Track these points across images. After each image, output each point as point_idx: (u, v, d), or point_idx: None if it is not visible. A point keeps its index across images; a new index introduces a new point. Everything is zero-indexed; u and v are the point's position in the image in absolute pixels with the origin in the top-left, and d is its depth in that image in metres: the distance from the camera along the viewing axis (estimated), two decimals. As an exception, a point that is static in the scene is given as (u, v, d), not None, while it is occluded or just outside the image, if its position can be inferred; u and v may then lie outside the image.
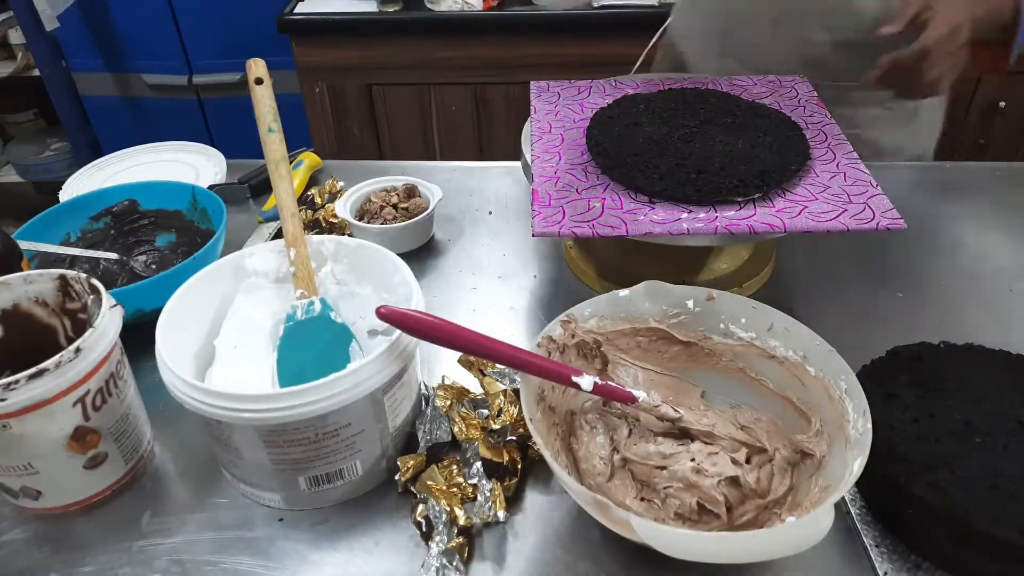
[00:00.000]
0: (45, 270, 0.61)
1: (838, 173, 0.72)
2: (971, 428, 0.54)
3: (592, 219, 0.67)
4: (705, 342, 0.63)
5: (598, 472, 0.57)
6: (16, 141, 2.44)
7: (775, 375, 0.60)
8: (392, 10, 1.72)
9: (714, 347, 0.63)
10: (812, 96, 0.85)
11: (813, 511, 0.46)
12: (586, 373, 0.56)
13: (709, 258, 0.80)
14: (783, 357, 0.59)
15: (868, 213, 0.66)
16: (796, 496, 0.54)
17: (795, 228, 0.65)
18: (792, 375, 0.59)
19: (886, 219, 0.65)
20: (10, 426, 0.52)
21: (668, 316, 0.63)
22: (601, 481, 0.57)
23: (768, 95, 0.86)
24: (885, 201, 0.67)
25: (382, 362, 0.54)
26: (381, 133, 1.88)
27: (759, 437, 0.57)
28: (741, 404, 0.62)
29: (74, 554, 0.56)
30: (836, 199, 0.68)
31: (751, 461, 0.56)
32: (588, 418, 0.61)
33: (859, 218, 0.66)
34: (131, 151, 1.02)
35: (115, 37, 2.07)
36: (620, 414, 0.61)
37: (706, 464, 0.55)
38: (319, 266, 0.67)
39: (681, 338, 0.63)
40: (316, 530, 0.57)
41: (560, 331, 0.61)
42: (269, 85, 0.66)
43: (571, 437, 0.60)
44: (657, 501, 0.56)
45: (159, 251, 0.84)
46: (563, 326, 0.61)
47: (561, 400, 0.61)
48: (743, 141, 0.74)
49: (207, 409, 0.52)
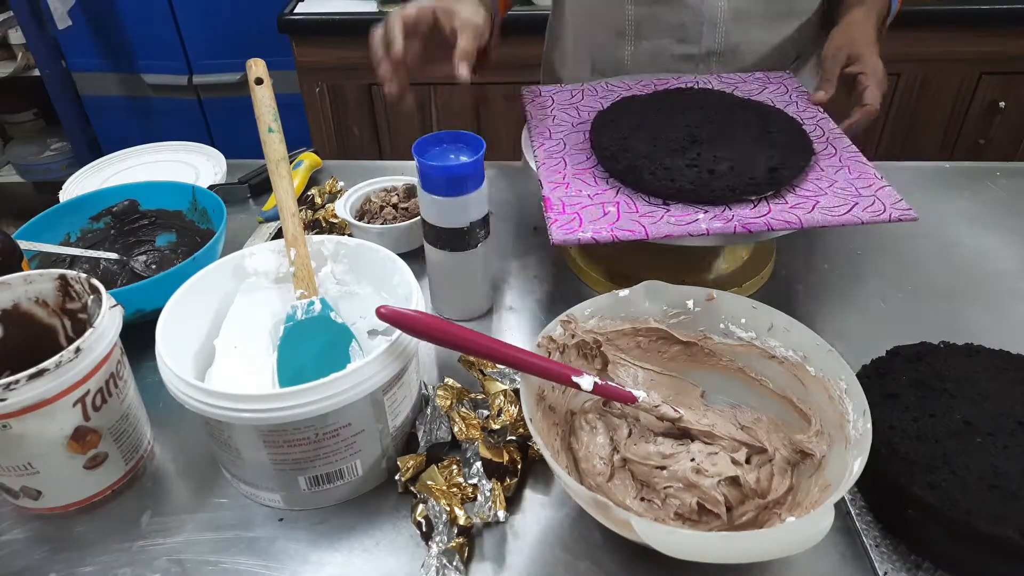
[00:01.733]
0: (45, 270, 0.61)
1: (842, 167, 0.72)
2: (971, 428, 0.54)
3: (610, 223, 0.67)
4: (705, 342, 0.63)
5: (598, 472, 0.57)
6: (16, 141, 2.44)
7: (775, 375, 0.60)
8: (392, 10, 1.72)
9: (714, 347, 0.63)
10: (801, 91, 0.86)
11: (813, 511, 0.46)
12: (586, 373, 0.56)
13: (709, 258, 0.81)
14: (783, 357, 0.59)
15: (879, 205, 0.66)
16: (796, 496, 0.54)
17: (812, 223, 0.65)
18: (792, 375, 0.59)
19: (897, 210, 0.66)
20: (10, 426, 0.52)
21: (668, 316, 0.63)
22: (601, 481, 0.57)
23: (759, 91, 0.86)
24: (893, 193, 0.68)
25: (382, 362, 0.54)
26: (381, 133, 1.88)
27: (759, 437, 0.57)
28: (741, 404, 0.62)
29: (74, 554, 0.56)
30: (845, 193, 0.68)
31: (751, 461, 0.56)
32: (588, 418, 0.60)
33: (871, 210, 0.66)
34: (131, 151, 1.02)
35: (115, 37, 2.07)
36: (620, 414, 0.61)
37: (706, 464, 0.55)
38: (319, 266, 0.67)
39: (681, 338, 0.63)
40: (316, 530, 0.57)
41: (560, 331, 0.61)
42: (269, 85, 0.66)
43: (571, 437, 0.60)
44: (657, 501, 0.56)
45: (159, 251, 0.84)
46: (563, 326, 0.61)
47: (561, 400, 0.61)
48: (748, 139, 0.74)
49: (207, 409, 0.52)
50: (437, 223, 0.70)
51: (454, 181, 0.67)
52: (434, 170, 0.67)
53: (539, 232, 0.90)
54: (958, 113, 1.70)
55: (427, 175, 0.68)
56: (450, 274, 0.74)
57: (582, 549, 0.55)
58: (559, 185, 0.72)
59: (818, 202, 0.67)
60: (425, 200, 0.69)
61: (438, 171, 0.67)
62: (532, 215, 0.92)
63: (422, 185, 0.69)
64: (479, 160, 0.68)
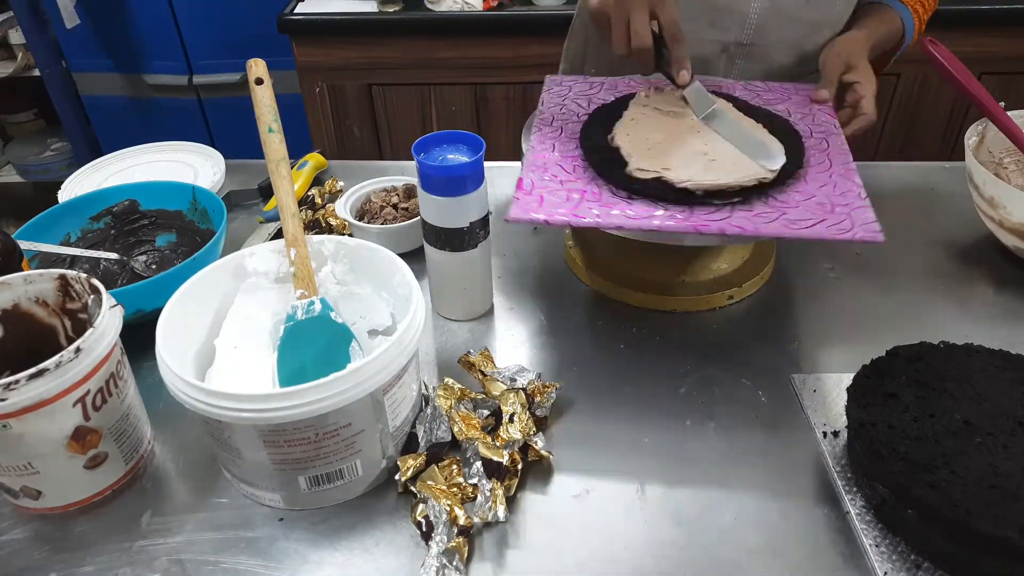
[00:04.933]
0: (45, 270, 0.61)
1: (829, 183, 0.71)
2: (971, 428, 0.54)
3: (569, 209, 0.67)
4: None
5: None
6: (16, 141, 2.44)
7: None
8: (392, 10, 1.72)
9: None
10: (826, 108, 0.85)
11: None
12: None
13: (708, 258, 0.81)
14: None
15: (847, 224, 0.65)
16: None
17: (765, 233, 0.65)
18: None
19: (863, 231, 0.64)
20: (10, 426, 0.52)
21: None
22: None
23: (782, 101, 0.86)
24: (869, 213, 0.66)
25: (382, 362, 0.54)
26: (381, 133, 1.88)
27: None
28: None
29: (74, 554, 0.56)
30: (819, 208, 0.67)
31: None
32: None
33: (836, 228, 0.65)
34: (131, 151, 1.02)
35: (115, 37, 2.06)
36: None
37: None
38: (319, 266, 0.67)
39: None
40: (316, 530, 0.57)
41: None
42: (269, 85, 0.66)
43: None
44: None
45: (159, 251, 0.84)
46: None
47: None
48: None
49: (207, 409, 0.52)
50: (437, 223, 0.70)
51: (454, 181, 0.67)
52: (434, 170, 0.67)
53: (539, 232, 0.90)
54: (958, 113, 1.70)
55: (427, 175, 0.68)
56: (450, 274, 0.74)
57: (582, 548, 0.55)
58: (538, 169, 0.73)
59: (785, 213, 0.67)
60: (425, 200, 0.69)
61: (438, 171, 0.67)
62: (532, 215, 0.92)
63: (422, 185, 0.69)
64: (479, 160, 0.68)
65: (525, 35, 1.70)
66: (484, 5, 1.69)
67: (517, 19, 1.69)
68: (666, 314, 0.77)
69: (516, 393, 0.63)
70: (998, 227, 0.81)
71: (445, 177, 0.67)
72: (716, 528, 0.56)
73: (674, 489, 0.59)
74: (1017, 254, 0.82)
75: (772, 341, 0.73)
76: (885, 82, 1.68)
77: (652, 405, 0.67)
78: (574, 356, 0.72)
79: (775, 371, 0.69)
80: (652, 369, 0.70)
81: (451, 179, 0.67)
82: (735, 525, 0.57)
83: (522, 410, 0.62)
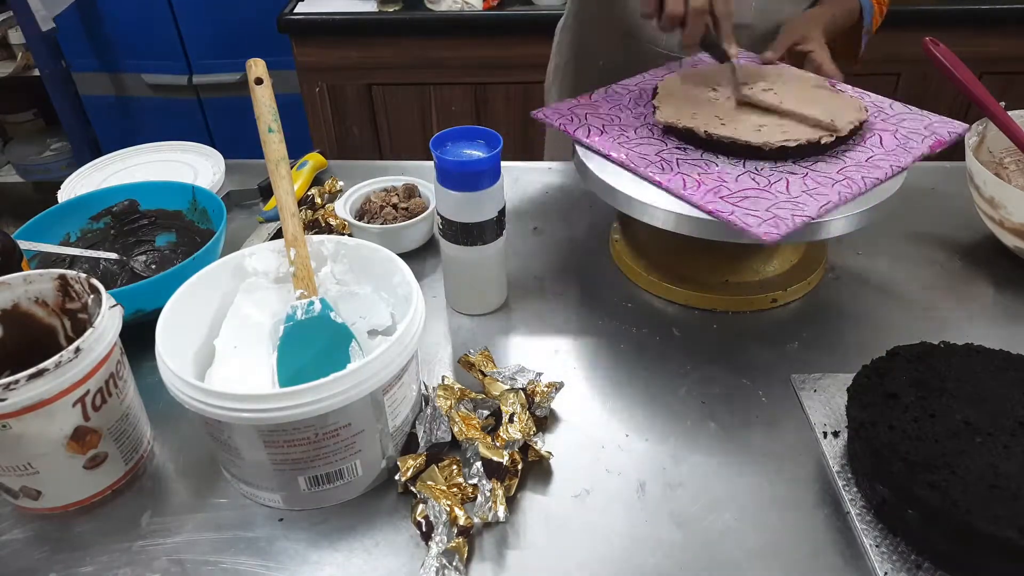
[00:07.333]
0: (45, 270, 0.61)
1: (888, 130, 0.77)
2: (971, 428, 0.54)
3: (608, 141, 0.75)
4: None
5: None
6: (16, 141, 2.44)
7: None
8: (392, 10, 1.72)
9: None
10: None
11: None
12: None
13: (756, 260, 0.80)
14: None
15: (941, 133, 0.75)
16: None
17: (875, 177, 0.70)
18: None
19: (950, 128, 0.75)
20: (10, 426, 0.52)
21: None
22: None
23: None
24: (947, 122, 0.77)
25: (382, 362, 0.54)
26: (381, 133, 1.88)
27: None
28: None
29: (74, 554, 0.56)
30: (898, 145, 0.74)
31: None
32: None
33: (936, 138, 0.74)
34: (131, 151, 1.02)
35: (115, 37, 2.07)
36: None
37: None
38: (319, 266, 0.67)
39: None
40: (316, 530, 0.57)
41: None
42: (269, 85, 0.66)
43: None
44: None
45: (159, 251, 0.84)
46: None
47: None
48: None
49: (207, 409, 0.52)
50: (453, 218, 0.70)
51: (471, 176, 0.68)
52: (452, 165, 0.67)
53: (539, 232, 0.90)
54: (958, 113, 1.70)
55: (445, 170, 0.68)
56: (466, 269, 0.75)
57: (582, 548, 0.55)
58: (596, 127, 0.78)
59: (872, 155, 0.73)
60: (442, 195, 0.70)
61: (456, 166, 0.67)
62: (532, 215, 0.93)
63: (439, 180, 0.69)
64: (496, 156, 0.68)
65: (525, 35, 1.70)
66: (484, 5, 1.69)
67: (517, 19, 1.69)
68: (666, 314, 0.77)
69: (516, 393, 0.63)
70: (999, 227, 0.81)
71: (462, 172, 0.67)
72: (716, 528, 0.56)
73: (674, 489, 0.59)
74: (1018, 254, 0.82)
75: (772, 341, 0.73)
76: (885, 82, 1.68)
77: (652, 405, 0.67)
78: (574, 356, 0.72)
79: (775, 371, 0.69)
80: (652, 369, 0.70)
81: (469, 174, 0.68)
82: (735, 525, 0.57)
83: (522, 410, 0.62)
